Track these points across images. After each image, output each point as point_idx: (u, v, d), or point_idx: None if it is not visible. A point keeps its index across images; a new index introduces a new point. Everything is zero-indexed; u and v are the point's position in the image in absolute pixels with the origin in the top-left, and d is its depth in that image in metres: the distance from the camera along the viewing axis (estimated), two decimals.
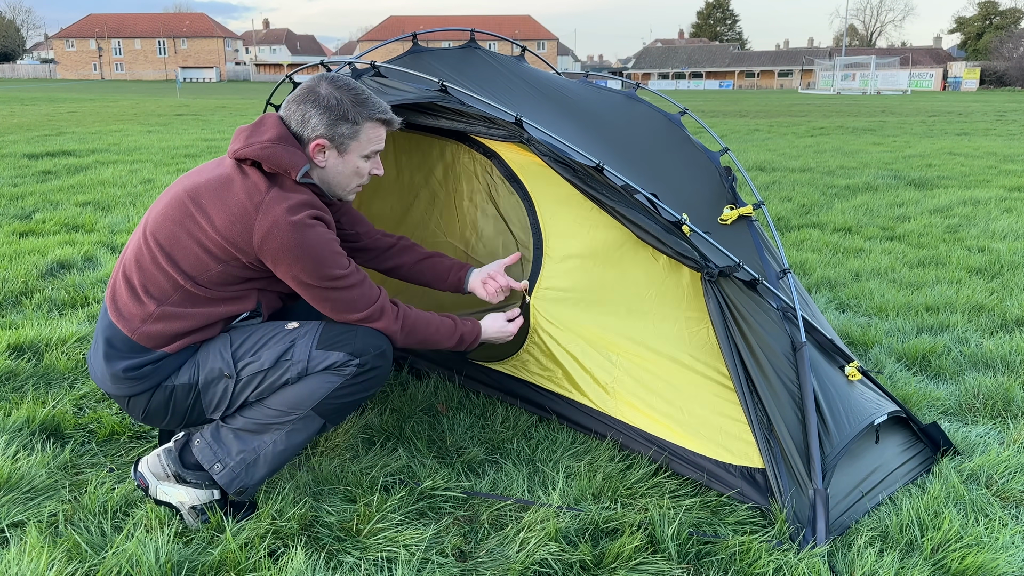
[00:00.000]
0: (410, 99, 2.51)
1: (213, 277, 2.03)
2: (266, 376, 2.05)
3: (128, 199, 7.20)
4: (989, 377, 3.17)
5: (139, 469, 2.16)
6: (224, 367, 2.06)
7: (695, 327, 2.42)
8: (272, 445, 2.09)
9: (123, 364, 2.03)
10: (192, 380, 2.07)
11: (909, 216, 6.69)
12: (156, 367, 2.05)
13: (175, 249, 2.02)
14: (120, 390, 2.07)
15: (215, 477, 2.08)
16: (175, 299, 2.03)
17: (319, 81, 2.11)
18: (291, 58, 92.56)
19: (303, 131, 2.08)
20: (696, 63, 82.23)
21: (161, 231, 2.04)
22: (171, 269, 2.02)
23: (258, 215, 1.96)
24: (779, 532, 2.10)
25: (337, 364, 2.05)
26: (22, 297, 4.15)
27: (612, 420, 2.54)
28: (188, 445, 2.14)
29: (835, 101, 33.93)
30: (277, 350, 2.06)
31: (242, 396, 2.08)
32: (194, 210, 2.02)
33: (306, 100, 2.08)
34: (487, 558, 2.03)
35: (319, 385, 2.06)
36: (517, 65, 3.24)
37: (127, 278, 2.07)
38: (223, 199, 2.00)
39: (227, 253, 2.00)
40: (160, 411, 2.10)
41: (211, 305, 2.06)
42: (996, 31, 74.78)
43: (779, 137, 14.71)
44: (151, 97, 31.92)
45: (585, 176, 2.43)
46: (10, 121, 16.42)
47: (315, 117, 2.07)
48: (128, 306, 2.04)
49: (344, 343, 2.07)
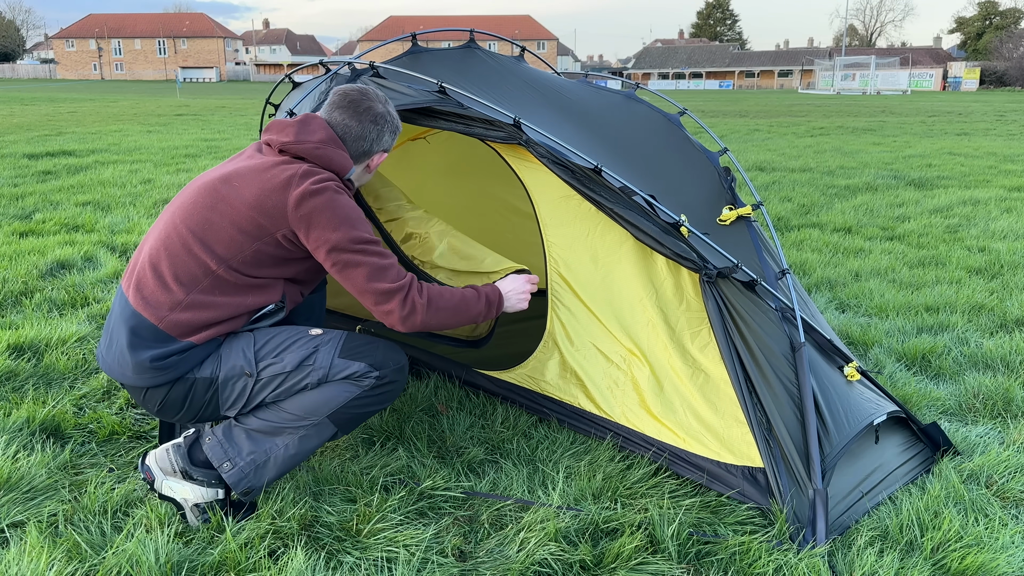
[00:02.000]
0: (408, 104, 2.52)
1: (246, 258, 2.06)
2: (287, 379, 2.08)
3: (128, 199, 7.20)
4: (989, 377, 3.17)
5: (146, 462, 2.16)
6: (245, 365, 2.08)
7: (694, 328, 2.42)
8: (284, 449, 2.10)
9: (150, 353, 2.02)
10: (213, 375, 2.08)
11: (909, 216, 6.69)
12: (182, 358, 2.05)
13: (208, 232, 2.06)
14: (142, 380, 2.05)
15: (224, 475, 2.08)
16: (204, 285, 2.05)
17: (375, 99, 2.25)
18: (291, 58, 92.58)
19: (361, 144, 2.23)
20: (696, 63, 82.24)
21: (192, 218, 2.09)
22: (203, 254, 2.05)
23: (291, 187, 2.05)
24: (779, 532, 2.10)
25: (357, 374, 2.09)
26: (22, 297, 4.15)
27: (613, 424, 2.53)
28: (198, 442, 2.14)
29: (835, 101, 33.94)
30: (300, 354, 2.09)
31: (259, 396, 2.10)
32: (227, 192, 2.08)
33: (379, 117, 2.24)
34: (487, 558, 2.03)
35: (337, 393, 2.09)
36: (517, 65, 3.24)
37: (155, 267, 2.08)
38: (259, 179, 2.08)
39: (260, 228, 2.05)
40: (176, 404, 2.10)
41: (239, 294, 2.08)
42: (996, 31, 74.80)
43: (779, 137, 14.71)
44: (151, 97, 31.93)
45: (584, 178, 2.43)
46: (10, 121, 16.42)
47: (387, 135, 2.28)
48: (156, 294, 2.05)
49: (366, 354, 2.11)
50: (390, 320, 2.10)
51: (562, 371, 2.66)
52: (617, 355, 2.52)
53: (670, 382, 2.43)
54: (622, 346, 2.51)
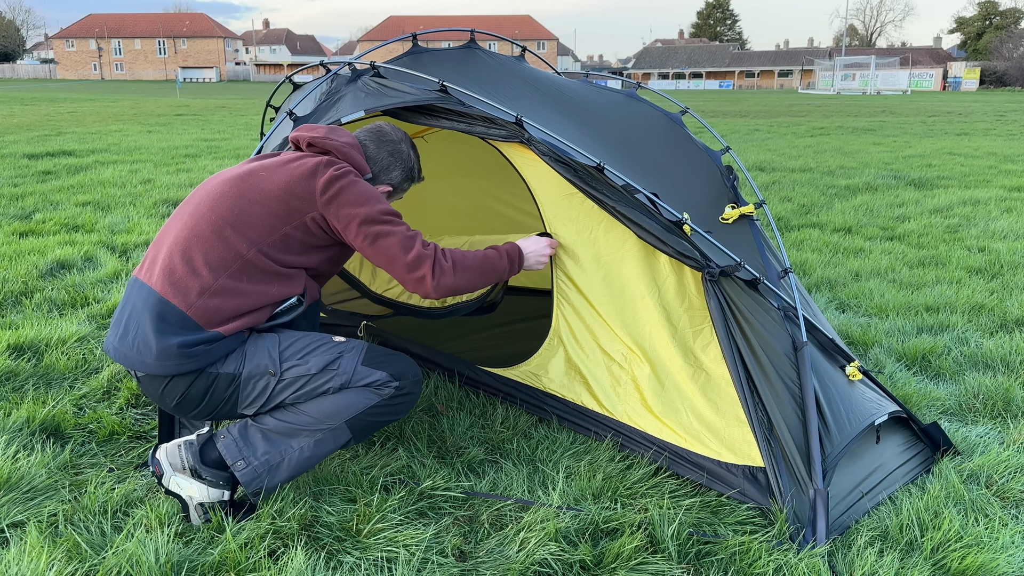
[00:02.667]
0: (410, 101, 2.51)
1: (275, 242, 2.13)
2: (309, 381, 2.11)
3: (128, 199, 7.20)
4: (989, 377, 3.17)
5: (156, 456, 2.16)
6: (270, 364, 2.11)
7: (697, 327, 2.41)
8: (299, 451, 2.12)
9: (178, 339, 2.02)
10: (237, 371, 2.10)
11: (909, 216, 6.69)
12: (209, 348, 2.06)
13: (239, 217, 2.13)
14: (164, 368, 2.04)
15: (237, 474, 2.09)
16: (234, 270, 2.09)
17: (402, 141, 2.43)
18: (291, 58, 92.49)
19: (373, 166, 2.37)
20: (696, 63, 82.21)
21: (223, 206, 2.15)
22: (235, 237, 2.11)
23: (318, 173, 2.17)
24: (779, 532, 2.10)
25: (378, 383, 2.15)
26: (22, 297, 4.15)
27: (615, 423, 2.53)
28: (210, 442, 2.15)
29: (835, 101, 33.94)
30: (325, 358, 2.13)
31: (280, 397, 2.12)
32: (255, 181, 2.18)
33: (395, 152, 2.41)
34: (487, 558, 2.03)
35: (357, 399, 2.13)
36: (517, 65, 3.23)
37: (184, 253, 2.10)
38: (286, 168, 2.20)
39: (290, 211, 2.14)
40: (196, 398, 2.10)
41: (265, 282, 2.13)
42: (996, 31, 74.77)
43: (779, 137, 14.71)
44: (151, 97, 31.93)
45: (586, 176, 2.43)
46: (10, 121, 16.42)
47: (397, 170, 2.42)
48: (185, 279, 2.07)
49: (387, 364, 2.18)
50: (424, 286, 2.17)
51: (566, 368, 2.66)
52: (619, 353, 2.52)
53: (671, 381, 2.42)
54: (624, 344, 2.51)
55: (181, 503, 2.14)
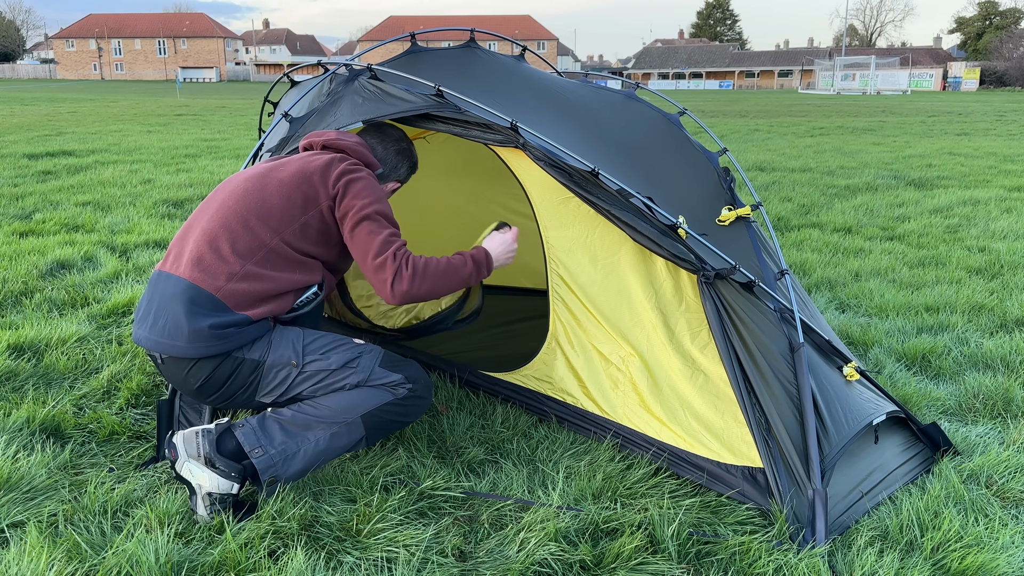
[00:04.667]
0: (407, 111, 2.54)
1: (295, 230, 2.26)
2: (328, 376, 2.22)
3: (128, 199, 7.20)
4: (989, 377, 3.17)
5: (173, 440, 2.18)
6: (293, 356, 2.23)
7: (694, 328, 2.42)
8: (314, 444, 2.19)
9: (209, 321, 2.13)
10: (261, 358, 2.21)
11: (909, 216, 6.69)
12: (239, 331, 2.17)
13: (264, 208, 2.27)
14: (195, 350, 2.13)
15: (254, 460, 2.14)
16: (259, 257, 2.22)
17: (404, 139, 2.63)
18: (291, 58, 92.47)
19: (383, 166, 2.57)
20: (696, 63, 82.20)
21: (248, 199, 2.29)
22: (260, 226, 2.24)
23: (333, 167, 2.34)
24: (779, 532, 2.10)
25: (394, 383, 2.27)
26: (22, 297, 4.15)
27: (615, 425, 2.53)
28: (228, 432, 2.18)
29: (835, 101, 33.94)
30: (346, 356, 2.26)
31: (298, 388, 2.22)
32: (276, 175, 2.33)
33: (401, 151, 2.62)
34: (487, 558, 2.03)
35: (372, 395, 2.24)
36: (517, 65, 3.23)
37: (212, 243, 2.23)
38: (302, 164, 2.36)
39: (307, 201, 2.28)
40: (219, 382, 2.19)
41: (288, 270, 2.26)
42: (996, 31, 74.75)
43: (779, 137, 14.71)
44: (151, 97, 31.93)
45: (581, 180, 2.43)
46: (10, 121, 16.42)
47: (404, 168, 2.65)
48: (214, 265, 2.19)
49: (403, 368, 2.31)
50: (384, 290, 2.25)
51: (566, 372, 2.66)
52: (616, 356, 2.52)
53: (669, 382, 2.42)
54: (621, 347, 2.51)
55: (189, 489, 2.15)
